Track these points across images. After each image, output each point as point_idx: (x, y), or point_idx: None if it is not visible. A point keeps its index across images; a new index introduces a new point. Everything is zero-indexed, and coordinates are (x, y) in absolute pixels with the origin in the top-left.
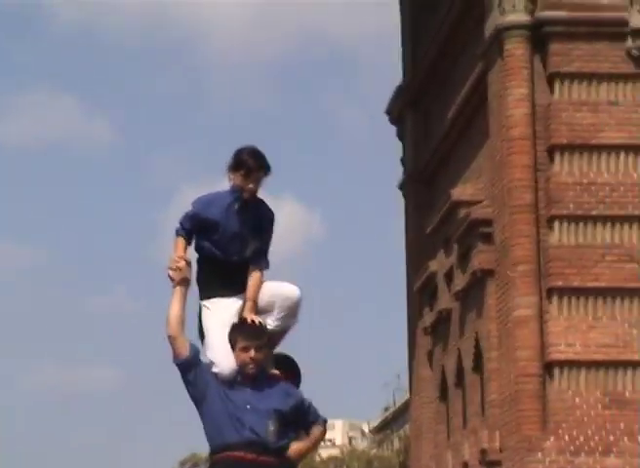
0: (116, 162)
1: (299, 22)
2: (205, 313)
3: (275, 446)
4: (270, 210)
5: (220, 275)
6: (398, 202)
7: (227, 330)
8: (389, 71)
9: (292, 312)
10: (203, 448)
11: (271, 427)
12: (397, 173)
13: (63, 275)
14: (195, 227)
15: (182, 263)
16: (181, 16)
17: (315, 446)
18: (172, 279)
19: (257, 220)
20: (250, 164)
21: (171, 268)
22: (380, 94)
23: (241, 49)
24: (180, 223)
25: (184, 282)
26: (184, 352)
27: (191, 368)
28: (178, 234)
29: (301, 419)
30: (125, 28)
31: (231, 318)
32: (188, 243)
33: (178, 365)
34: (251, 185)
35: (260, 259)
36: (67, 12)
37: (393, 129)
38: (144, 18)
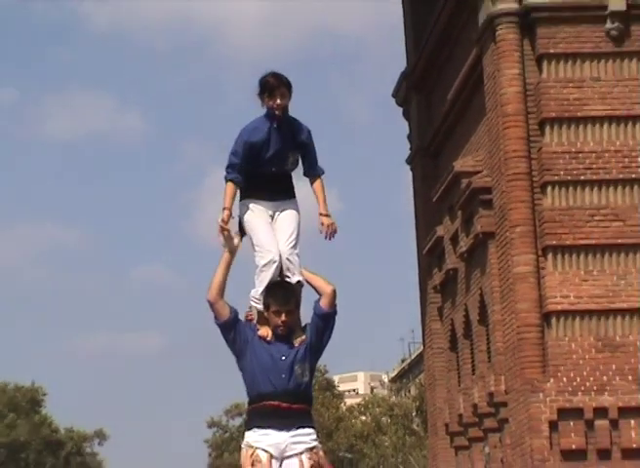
0: (150, 150)
1: (306, 20)
2: (247, 213)
3: (305, 389)
4: (304, 125)
5: (261, 183)
6: (406, 175)
7: (268, 227)
8: (391, 60)
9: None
10: (245, 399)
11: (299, 370)
12: (404, 149)
13: (104, 256)
14: (246, 154)
15: (227, 228)
16: (202, 17)
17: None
18: (221, 232)
19: (294, 135)
20: (270, 82)
21: (219, 231)
22: (383, 81)
23: (255, 45)
24: (227, 167)
25: (230, 241)
26: (225, 314)
27: (231, 328)
28: (226, 180)
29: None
30: (152, 30)
31: (267, 217)
32: (238, 183)
33: (218, 325)
34: (278, 101)
35: (316, 168)
36: (100, 18)
37: (399, 110)
38: (169, 20)
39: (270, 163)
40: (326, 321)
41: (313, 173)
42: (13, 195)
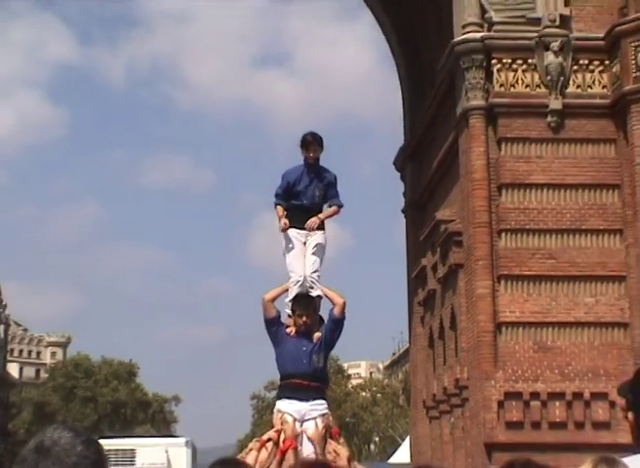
0: (217, 197)
1: (332, 106)
2: (287, 240)
3: (320, 372)
4: (331, 172)
5: (297, 214)
6: (401, 221)
7: (299, 254)
8: (392, 138)
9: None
10: (277, 377)
11: (315, 358)
12: (400, 202)
13: (183, 270)
14: (287, 188)
15: (287, 225)
16: (257, 101)
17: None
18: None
19: (321, 177)
20: (307, 139)
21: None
22: (386, 153)
23: (295, 123)
24: (275, 196)
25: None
26: (272, 312)
27: (274, 324)
28: (275, 205)
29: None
30: (221, 109)
31: (301, 244)
32: (283, 206)
33: (266, 319)
34: (311, 153)
35: (335, 200)
36: (185, 101)
37: (397, 174)
38: (234, 102)
39: (302, 196)
40: (337, 324)
41: (333, 202)
42: (122, 227)
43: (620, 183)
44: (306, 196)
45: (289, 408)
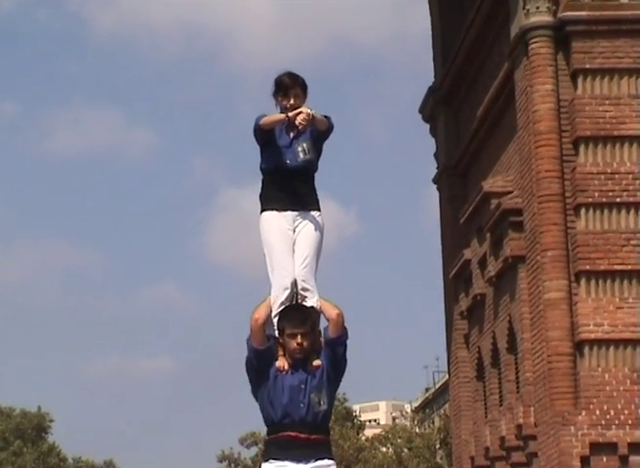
0: (158, 166)
1: (323, 28)
2: (265, 227)
3: (322, 418)
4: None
5: (276, 187)
6: (431, 195)
7: (285, 248)
8: (415, 73)
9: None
10: (262, 428)
11: (316, 398)
12: (430, 168)
13: (111, 274)
14: (258, 139)
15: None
16: (213, 23)
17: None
18: (305, 120)
19: (307, 133)
20: (285, 82)
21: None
22: (406, 95)
23: (268, 54)
24: (255, 122)
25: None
26: (265, 342)
27: (260, 357)
28: (258, 119)
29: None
30: (160, 36)
31: (287, 233)
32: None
33: (256, 351)
34: (292, 101)
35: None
36: (105, 22)
37: (425, 127)
38: (178, 25)
39: (283, 156)
40: (334, 347)
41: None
42: (14, 212)
43: None
44: (288, 155)
45: None
